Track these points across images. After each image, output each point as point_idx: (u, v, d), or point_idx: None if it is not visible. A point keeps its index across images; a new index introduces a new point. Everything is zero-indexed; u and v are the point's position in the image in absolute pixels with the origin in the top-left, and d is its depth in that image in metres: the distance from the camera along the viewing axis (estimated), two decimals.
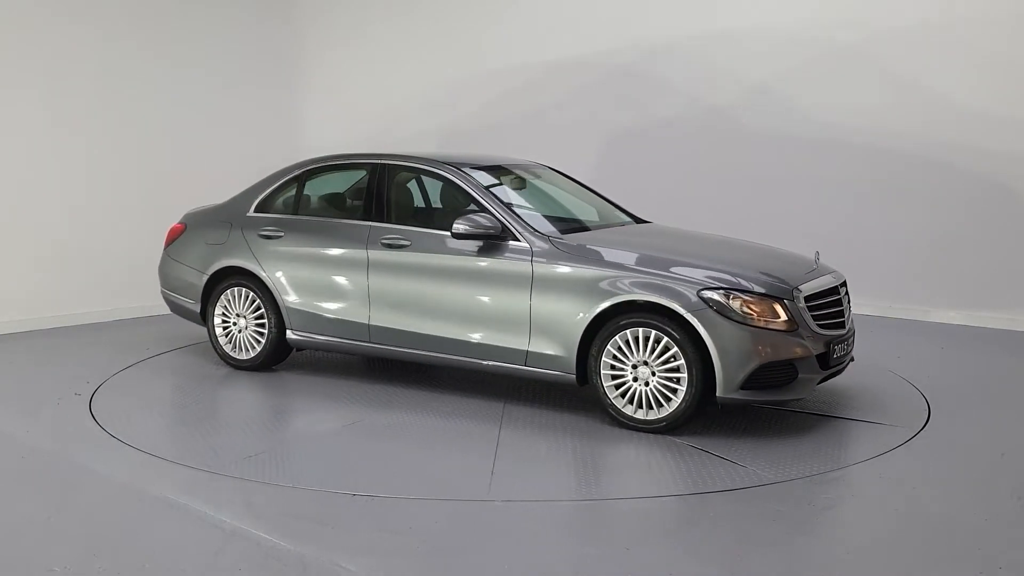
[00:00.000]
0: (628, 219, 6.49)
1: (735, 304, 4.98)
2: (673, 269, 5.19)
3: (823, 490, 4.42)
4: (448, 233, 5.68)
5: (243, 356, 6.50)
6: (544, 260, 5.41)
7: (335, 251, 6.12)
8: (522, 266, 5.46)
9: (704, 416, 5.42)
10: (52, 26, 8.20)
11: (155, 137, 8.99)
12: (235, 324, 6.52)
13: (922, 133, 8.36)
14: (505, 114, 10.23)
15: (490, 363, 5.62)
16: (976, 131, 8.12)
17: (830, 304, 5.40)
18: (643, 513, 4.15)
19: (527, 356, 5.47)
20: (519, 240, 5.53)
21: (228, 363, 6.60)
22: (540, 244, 5.49)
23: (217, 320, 6.58)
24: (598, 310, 5.19)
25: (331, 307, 6.12)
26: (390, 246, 5.90)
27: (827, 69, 8.74)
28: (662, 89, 9.49)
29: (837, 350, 5.32)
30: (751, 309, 4.99)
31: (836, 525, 4.12)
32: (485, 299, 5.60)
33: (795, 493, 4.35)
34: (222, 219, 6.68)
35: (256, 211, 6.56)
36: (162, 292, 7.06)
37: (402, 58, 10.66)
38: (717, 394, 4.99)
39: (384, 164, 6.21)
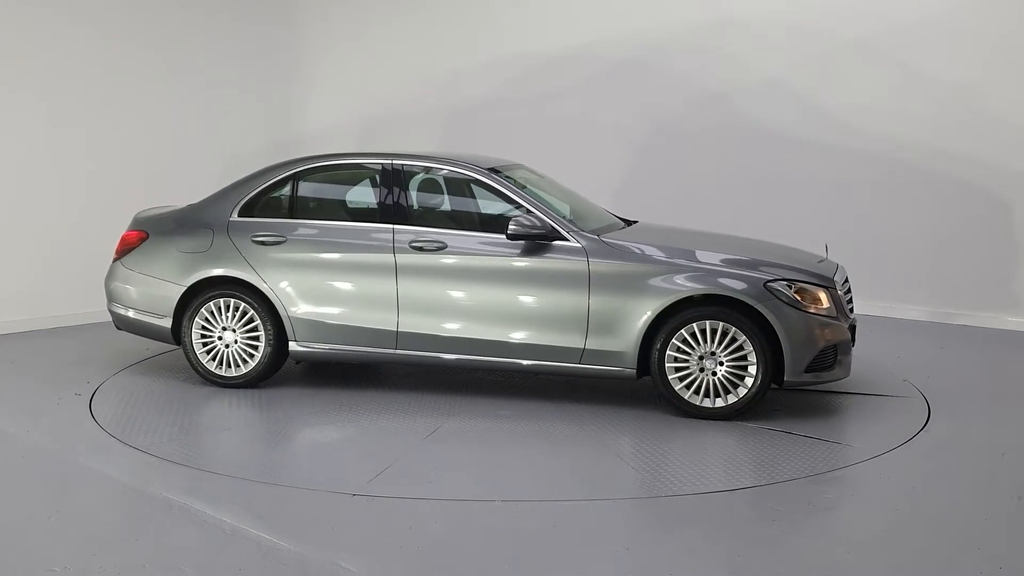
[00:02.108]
0: (616, 219, 6.45)
1: (796, 294, 5.38)
2: (731, 263, 5.49)
3: (823, 490, 4.42)
4: (486, 235, 5.72)
5: (231, 373, 6.02)
6: (600, 258, 5.51)
7: (353, 256, 5.84)
8: (578, 265, 5.51)
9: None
10: (51, 26, 8.19)
11: (155, 137, 8.98)
12: (220, 339, 6.03)
13: (923, 133, 8.36)
14: (505, 109, 10.22)
15: (540, 363, 5.62)
16: (978, 132, 8.12)
17: (846, 291, 5.82)
18: (643, 512, 4.15)
19: (583, 354, 5.53)
20: (568, 240, 5.58)
21: (212, 381, 6.08)
22: (590, 243, 5.57)
23: (195, 335, 6.05)
24: (666, 305, 5.36)
25: (349, 315, 5.82)
26: (422, 249, 5.73)
27: (828, 65, 8.74)
28: (660, 83, 9.48)
29: (855, 332, 5.80)
30: (807, 298, 5.41)
31: (836, 525, 4.12)
32: (537, 299, 5.59)
33: (795, 493, 4.35)
34: (198, 224, 6.15)
35: (241, 215, 6.09)
36: (112, 308, 6.41)
37: (400, 54, 10.63)
38: (785, 378, 5.36)
39: (398, 164, 6.00)
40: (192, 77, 9.32)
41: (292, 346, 5.95)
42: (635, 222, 6.45)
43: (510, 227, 5.53)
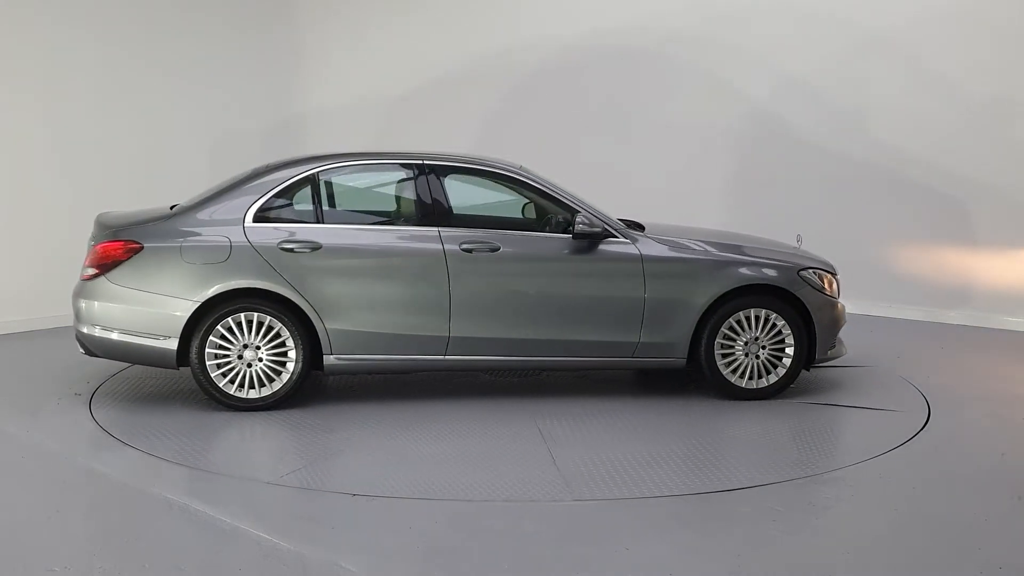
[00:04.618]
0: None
1: (820, 281, 5.91)
2: (763, 255, 5.94)
3: (823, 490, 4.42)
4: (536, 234, 5.76)
5: (257, 394, 5.52)
6: (652, 255, 5.73)
7: (399, 261, 5.61)
8: (632, 262, 5.69)
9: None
10: (51, 27, 8.19)
11: (156, 137, 8.99)
12: (240, 358, 5.50)
13: (926, 133, 8.36)
14: (505, 104, 10.22)
15: (595, 359, 5.78)
16: (978, 132, 8.12)
17: None
18: (643, 512, 4.15)
19: (636, 347, 5.71)
20: (618, 238, 5.73)
21: (232, 406, 5.53)
22: (641, 240, 5.79)
23: (209, 356, 5.47)
24: (718, 295, 5.68)
25: (396, 322, 5.57)
26: (472, 251, 5.61)
27: (832, 67, 8.74)
28: (659, 78, 9.49)
29: None
30: (827, 284, 5.95)
31: (836, 525, 4.12)
32: (594, 297, 5.69)
33: (795, 493, 4.35)
34: (207, 231, 5.57)
35: (257, 220, 5.58)
36: (85, 331, 5.59)
37: (401, 50, 10.59)
38: (816, 357, 5.85)
39: (430, 165, 5.78)
40: (190, 75, 9.32)
41: (328, 360, 5.56)
42: (635, 222, 6.43)
43: (577, 226, 5.63)
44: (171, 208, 5.93)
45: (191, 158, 9.21)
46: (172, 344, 5.47)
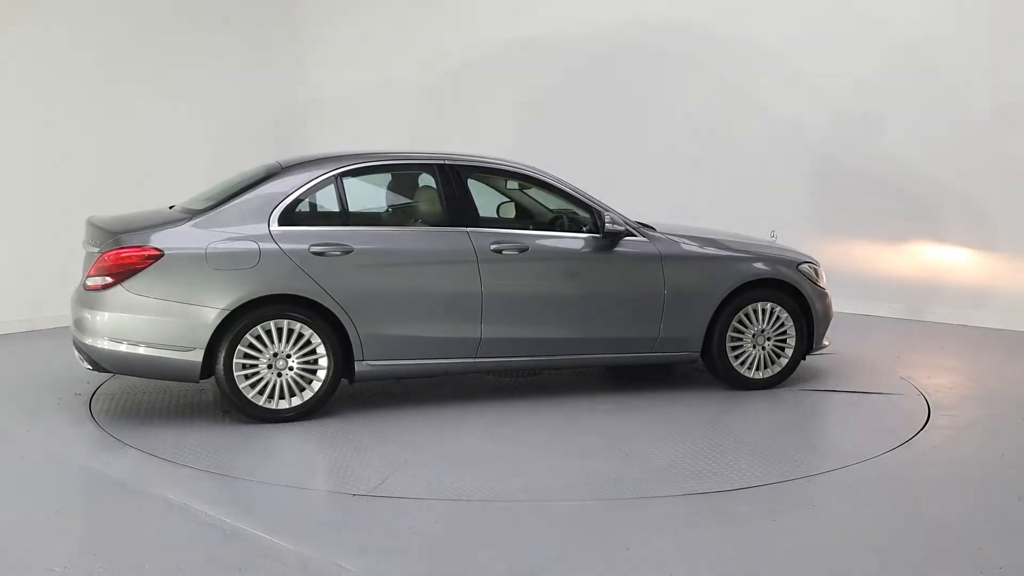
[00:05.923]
0: None
1: (816, 274, 6.19)
2: (766, 250, 6.20)
3: (823, 490, 4.42)
4: (561, 234, 5.84)
5: (287, 404, 5.30)
6: (670, 253, 5.90)
7: (435, 263, 5.50)
8: (652, 260, 5.85)
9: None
10: (50, 27, 8.20)
11: (157, 137, 8.99)
12: (271, 367, 5.26)
13: (923, 133, 8.36)
14: (505, 103, 10.22)
15: (617, 355, 5.90)
16: (978, 133, 8.12)
17: None
18: (643, 512, 4.15)
19: (656, 342, 5.87)
20: (637, 236, 5.87)
21: (260, 419, 5.28)
22: (659, 239, 5.94)
23: (237, 367, 5.18)
24: (731, 290, 5.89)
25: (429, 326, 5.47)
26: (501, 252, 5.59)
27: (835, 61, 8.74)
28: (657, 74, 9.49)
29: None
30: (821, 277, 6.22)
31: (836, 525, 4.12)
32: (618, 295, 5.83)
33: (794, 493, 4.36)
34: (232, 235, 5.26)
35: (282, 223, 5.33)
36: (97, 345, 5.19)
37: (401, 50, 10.58)
38: (814, 347, 6.15)
39: (452, 165, 5.72)
40: (190, 74, 9.33)
41: (360, 366, 5.39)
42: (639, 222, 6.44)
43: (607, 225, 5.74)
44: (170, 208, 5.82)
45: (191, 157, 9.21)
46: (197, 356, 5.15)
